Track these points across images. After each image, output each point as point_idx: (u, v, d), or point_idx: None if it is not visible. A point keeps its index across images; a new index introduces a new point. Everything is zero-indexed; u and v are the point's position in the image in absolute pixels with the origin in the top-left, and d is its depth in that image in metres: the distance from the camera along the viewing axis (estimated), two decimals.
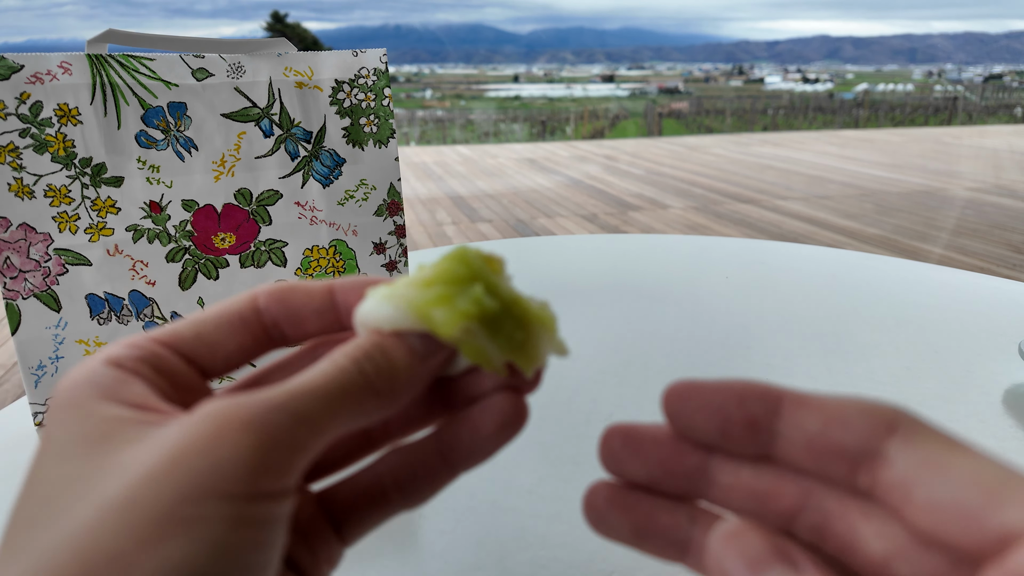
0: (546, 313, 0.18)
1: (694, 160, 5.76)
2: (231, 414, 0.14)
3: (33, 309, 0.40)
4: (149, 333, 0.18)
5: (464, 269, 0.17)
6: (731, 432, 0.16)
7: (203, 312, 0.19)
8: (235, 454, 0.13)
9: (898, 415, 0.14)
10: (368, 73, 0.46)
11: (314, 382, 0.16)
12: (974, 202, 3.95)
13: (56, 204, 0.40)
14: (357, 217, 0.47)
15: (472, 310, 0.17)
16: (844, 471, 0.14)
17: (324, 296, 0.19)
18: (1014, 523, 0.12)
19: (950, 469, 0.13)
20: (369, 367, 0.16)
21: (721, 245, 0.83)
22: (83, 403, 0.15)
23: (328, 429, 0.15)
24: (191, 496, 0.13)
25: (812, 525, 0.16)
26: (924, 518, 0.13)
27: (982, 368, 0.50)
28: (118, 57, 0.40)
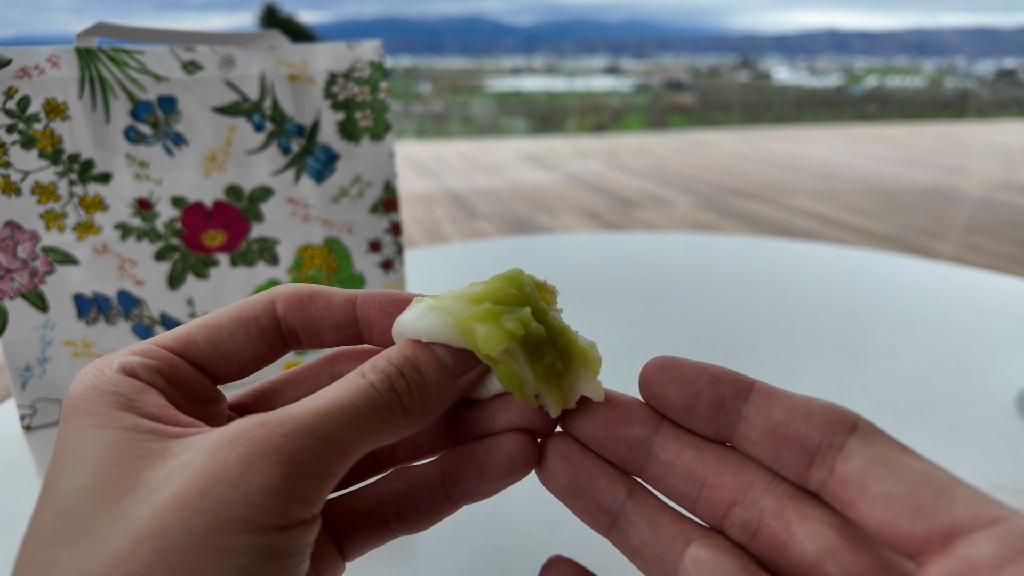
0: (592, 353, 0.17)
1: (700, 156, 5.72)
2: (261, 439, 0.13)
3: (20, 309, 0.39)
4: (161, 339, 0.17)
5: (516, 291, 0.17)
6: (697, 407, 0.16)
7: (218, 316, 0.18)
8: (266, 484, 0.13)
9: (859, 419, 0.15)
10: (363, 66, 0.44)
11: (343, 401, 0.15)
12: (986, 199, 3.90)
13: (43, 202, 0.39)
14: (352, 214, 0.46)
15: (517, 331, 0.16)
16: (800, 462, 0.15)
17: (345, 309, 0.18)
18: (961, 518, 0.12)
19: (904, 468, 0.14)
20: (401, 385, 0.16)
21: (727, 243, 0.81)
22: (101, 411, 0.15)
23: (356, 452, 0.15)
24: (222, 527, 0.12)
25: (744, 521, 0.16)
26: (876, 510, 0.13)
27: (994, 369, 0.49)
28: (107, 51, 0.39)
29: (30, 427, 0.41)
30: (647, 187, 4.42)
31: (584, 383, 0.17)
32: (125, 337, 0.42)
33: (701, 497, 0.16)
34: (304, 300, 0.18)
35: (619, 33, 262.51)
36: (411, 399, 0.16)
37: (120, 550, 0.12)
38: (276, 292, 0.18)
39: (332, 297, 0.18)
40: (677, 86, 15.91)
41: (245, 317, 0.18)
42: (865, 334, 0.55)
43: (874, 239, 3.15)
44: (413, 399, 0.16)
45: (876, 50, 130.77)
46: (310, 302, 0.18)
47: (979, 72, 21.65)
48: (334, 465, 0.14)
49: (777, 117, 10.10)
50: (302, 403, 0.15)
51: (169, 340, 0.17)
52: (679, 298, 0.63)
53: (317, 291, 0.18)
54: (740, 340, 0.54)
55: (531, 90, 15.31)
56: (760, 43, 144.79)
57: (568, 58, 54.70)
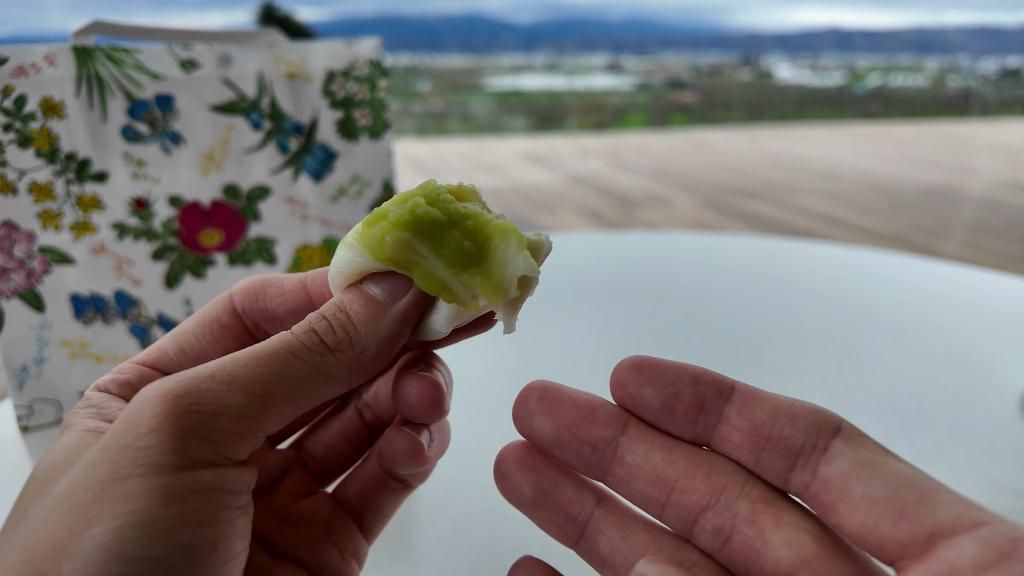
0: (510, 227, 0.15)
1: (701, 155, 5.71)
2: (156, 387, 0.13)
3: (16, 310, 0.39)
4: (137, 356, 0.18)
5: (418, 192, 0.16)
6: (676, 408, 0.15)
7: (186, 322, 0.18)
8: (155, 423, 0.13)
9: (843, 421, 0.15)
10: (362, 64, 0.44)
11: (254, 348, 0.15)
12: (990, 199, 3.88)
13: (40, 201, 0.39)
14: (350, 213, 0.46)
15: (402, 217, 0.15)
16: (782, 464, 0.14)
17: (298, 293, 0.18)
18: (944, 521, 0.12)
19: (888, 470, 0.13)
20: (322, 326, 0.15)
21: (729, 243, 0.81)
22: (74, 421, 0.15)
23: (275, 395, 0.14)
24: (118, 473, 0.12)
25: (716, 528, 0.15)
26: (858, 514, 0.13)
27: (998, 370, 0.48)
28: (104, 49, 0.39)
29: (27, 428, 0.41)
30: (648, 186, 4.41)
31: (513, 262, 0.15)
32: (122, 337, 0.42)
33: (670, 502, 0.16)
34: (258, 291, 0.18)
35: (620, 31, 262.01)
36: (335, 337, 0.15)
37: (37, 519, 0.12)
38: (233, 288, 0.19)
39: (283, 283, 0.18)
40: (679, 85, 15.88)
41: (208, 318, 0.18)
42: (868, 334, 0.54)
43: (877, 239, 3.14)
44: (338, 336, 0.15)
45: (879, 48, 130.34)
46: (263, 292, 0.18)
47: (983, 71, 21.55)
48: (243, 405, 0.14)
49: (779, 116, 10.07)
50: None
51: (143, 355, 0.18)
52: (680, 298, 0.62)
53: (268, 280, 0.18)
54: (742, 340, 0.54)
55: (531, 88, 15.28)
56: (762, 41, 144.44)
57: (569, 56, 54.46)
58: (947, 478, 0.41)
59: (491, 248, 0.15)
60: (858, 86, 15.37)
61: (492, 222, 0.15)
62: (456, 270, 0.15)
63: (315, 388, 0.15)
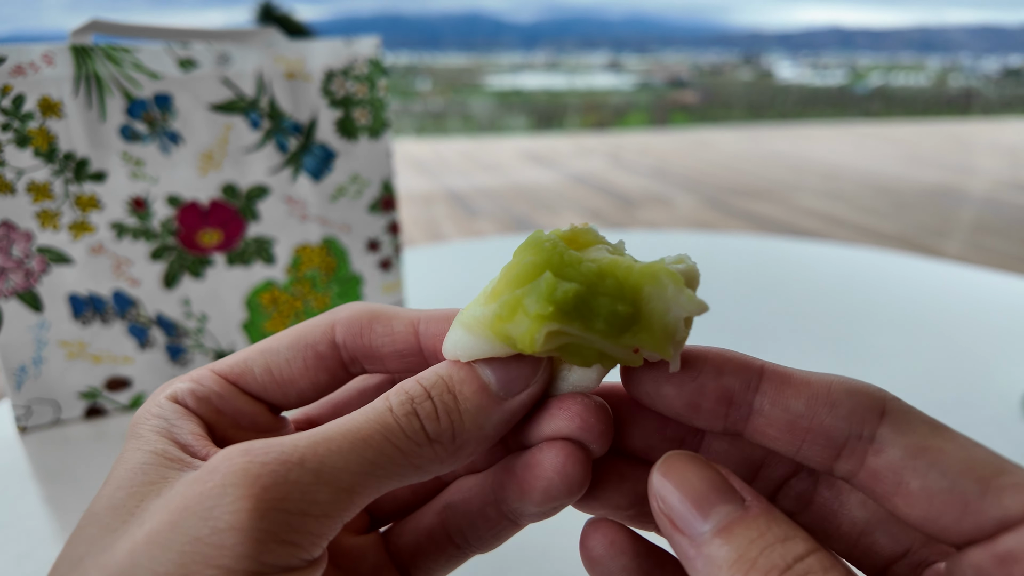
0: (657, 268, 0.14)
1: (702, 154, 5.70)
2: (237, 468, 0.12)
3: (14, 310, 0.39)
4: (218, 365, 0.17)
5: (533, 257, 0.14)
6: (702, 406, 0.14)
7: (277, 340, 0.17)
8: (235, 520, 0.11)
9: (887, 397, 0.14)
10: (361, 63, 0.44)
11: (350, 427, 0.13)
12: (992, 198, 3.87)
13: (38, 200, 0.39)
14: (350, 213, 0.46)
15: (544, 310, 0.13)
16: (824, 455, 0.14)
17: (407, 337, 0.17)
18: (1012, 511, 0.11)
19: (943, 456, 0.12)
20: (426, 408, 0.14)
21: (730, 243, 0.81)
22: (143, 434, 0.15)
23: (364, 489, 0.13)
24: (187, 567, 0.11)
25: (798, 493, 0.15)
26: (918, 507, 0.12)
27: (1000, 370, 0.48)
28: (103, 48, 0.39)
29: (25, 428, 0.41)
30: (649, 186, 4.41)
31: (674, 304, 0.13)
32: (120, 338, 0.42)
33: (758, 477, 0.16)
34: (364, 325, 0.17)
35: (621, 30, 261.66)
36: (437, 425, 0.14)
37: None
38: (337, 315, 0.17)
39: (393, 322, 0.17)
40: (679, 84, 15.85)
41: (303, 343, 0.17)
42: (869, 335, 0.54)
43: (879, 238, 3.13)
44: (441, 426, 0.14)
45: (881, 47, 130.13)
46: (370, 328, 0.17)
47: (985, 70, 21.51)
48: (330, 503, 0.12)
49: (780, 115, 10.05)
50: (308, 431, 0.13)
51: (225, 367, 0.17)
52: None
53: (378, 315, 0.17)
54: (743, 341, 0.53)
55: (532, 88, 15.25)
56: (763, 40, 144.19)
57: (569, 55, 54.29)
58: None
59: (644, 297, 0.14)
60: (860, 85, 15.34)
61: (634, 269, 0.14)
62: (613, 338, 0.14)
63: (401, 479, 0.14)
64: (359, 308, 0.17)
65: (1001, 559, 0.11)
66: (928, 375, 0.48)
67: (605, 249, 0.15)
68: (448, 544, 0.17)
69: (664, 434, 0.16)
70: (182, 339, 0.44)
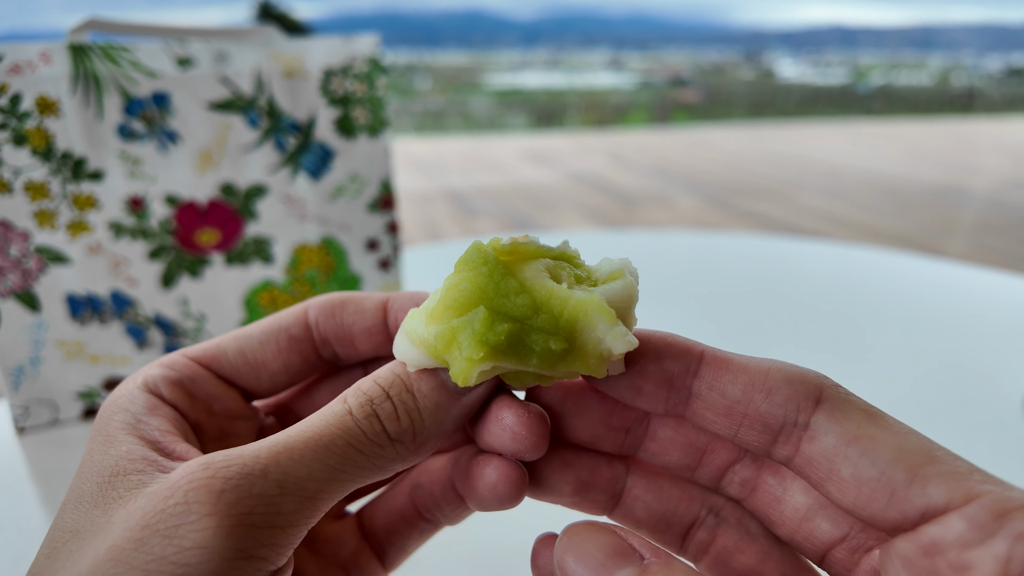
0: (590, 304, 0.14)
1: (704, 153, 5.69)
2: (199, 485, 0.12)
3: (12, 310, 0.39)
4: (192, 350, 0.17)
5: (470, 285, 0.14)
6: (643, 388, 0.15)
7: (251, 326, 0.17)
8: (200, 539, 0.11)
9: (824, 384, 0.14)
10: (360, 61, 0.44)
11: (311, 433, 0.13)
12: (995, 197, 3.86)
13: (35, 200, 0.38)
14: (348, 213, 0.46)
15: (476, 354, 0.13)
16: (761, 440, 0.14)
17: (376, 314, 0.17)
18: (936, 500, 0.12)
19: (874, 445, 0.13)
20: (386, 409, 0.14)
21: (732, 242, 0.80)
22: (110, 432, 0.14)
23: (329, 494, 0.13)
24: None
25: (744, 479, 0.16)
26: (848, 494, 0.13)
27: (1003, 370, 0.48)
28: (100, 46, 0.38)
29: (23, 429, 0.41)
30: (650, 185, 4.40)
31: (606, 339, 0.14)
32: (118, 338, 0.42)
33: (702, 463, 0.16)
34: (336, 305, 0.17)
35: (621, 28, 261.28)
36: (398, 425, 0.14)
37: None
38: (310, 301, 0.18)
39: (364, 301, 0.18)
40: (680, 82, 15.83)
41: (276, 326, 0.17)
42: (872, 334, 0.54)
43: (881, 238, 3.12)
44: (402, 425, 0.14)
45: (883, 46, 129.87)
46: (342, 308, 0.17)
47: (987, 69, 21.46)
48: (296, 512, 0.12)
49: (782, 114, 10.03)
50: (267, 438, 0.13)
51: (199, 350, 0.17)
52: (682, 298, 0.62)
53: (348, 297, 0.18)
54: (744, 340, 0.53)
55: (532, 86, 15.23)
56: (765, 38, 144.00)
57: (569, 53, 54.12)
58: None
59: (578, 330, 0.14)
60: (862, 84, 15.30)
61: (568, 303, 0.14)
62: (548, 369, 0.14)
63: (365, 480, 0.14)
64: (332, 295, 0.18)
65: (925, 550, 0.12)
66: (930, 375, 0.48)
67: (543, 265, 0.15)
68: (420, 520, 0.18)
69: (610, 423, 0.16)
70: (180, 339, 0.43)
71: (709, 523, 0.16)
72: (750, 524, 0.16)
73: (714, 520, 0.16)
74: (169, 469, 0.13)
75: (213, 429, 0.16)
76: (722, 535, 0.16)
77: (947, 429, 0.41)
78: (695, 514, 0.16)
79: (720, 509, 0.16)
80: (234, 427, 0.17)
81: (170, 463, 0.14)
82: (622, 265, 0.15)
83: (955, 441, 0.46)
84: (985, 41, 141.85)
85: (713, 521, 0.16)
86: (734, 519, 0.16)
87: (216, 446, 0.16)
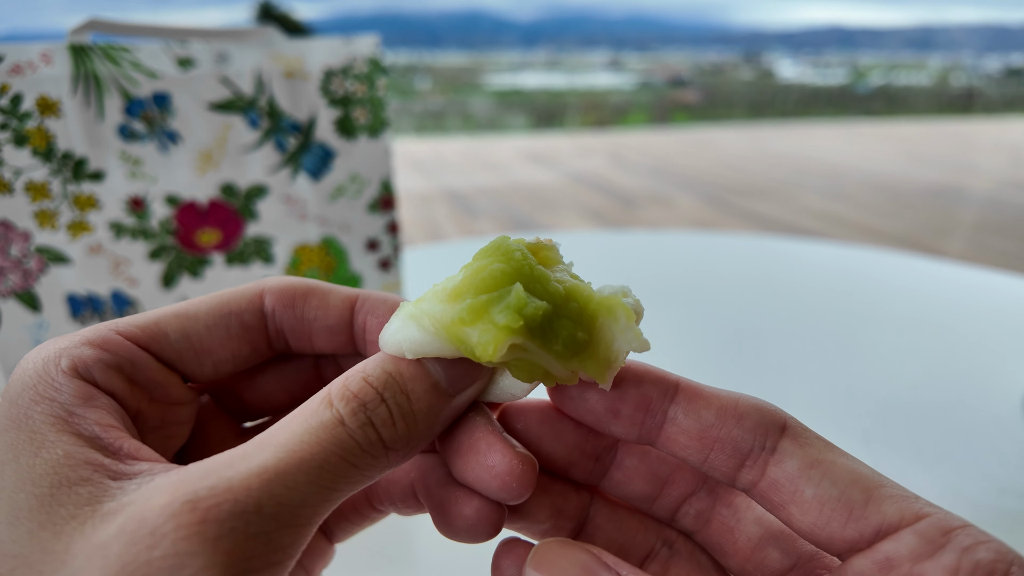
0: (615, 301, 0.14)
1: (703, 153, 5.69)
2: (191, 530, 0.10)
3: (12, 310, 0.39)
4: (125, 326, 0.14)
5: (502, 265, 0.14)
6: (621, 411, 0.15)
7: (196, 305, 0.15)
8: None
9: (787, 419, 0.15)
10: (360, 62, 0.44)
11: (302, 452, 0.12)
12: (994, 197, 3.86)
13: (36, 200, 0.38)
14: (349, 213, 0.46)
15: (513, 324, 0.13)
16: (730, 464, 0.14)
17: (342, 312, 0.16)
18: (890, 517, 0.13)
19: (834, 468, 0.13)
20: (380, 415, 0.13)
21: (732, 243, 0.80)
22: (35, 428, 0.12)
23: (321, 516, 0.12)
24: None
25: (698, 511, 0.16)
26: (809, 514, 0.13)
27: (1002, 370, 0.48)
28: (101, 47, 0.38)
29: None
30: (649, 185, 4.40)
31: (621, 337, 0.14)
32: None
33: (662, 494, 0.17)
34: (297, 296, 0.16)
35: (621, 29, 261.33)
36: (394, 432, 0.13)
37: None
38: (267, 284, 0.16)
39: (329, 296, 0.16)
40: (680, 83, 15.83)
41: (227, 310, 0.15)
42: (871, 334, 0.54)
43: (880, 238, 3.12)
44: (397, 431, 0.13)
45: (882, 46, 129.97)
46: (304, 299, 0.16)
47: (986, 69, 21.47)
48: (292, 544, 0.11)
49: (781, 114, 10.04)
50: (247, 453, 0.12)
51: (135, 328, 0.14)
52: (682, 298, 0.62)
53: (313, 288, 0.16)
54: (744, 340, 0.53)
55: (532, 86, 15.24)
56: (764, 39, 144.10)
57: (569, 53, 54.18)
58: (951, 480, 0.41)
59: (597, 327, 0.14)
60: (861, 84, 15.31)
61: (594, 299, 0.14)
62: (564, 360, 0.14)
63: (353, 491, 0.13)
64: (293, 280, 0.16)
65: (881, 565, 0.12)
66: (930, 374, 0.48)
67: (566, 272, 0.15)
68: (371, 511, 0.18)
69: (584, 449, 0.17)
70: None
71: (663, 555, 0.16)
72: (701, 558, 0.16)
73: (668, 552, 0.16)
74: (121, 475, 0.12)
75: (153, 418, 0.15)
76: (675, 567, 0.16)
77: (947, 429, 0.41)
78: (650, 546, 0.16)
79: (674, 542, 0.16)
80: (174, 414, 0.15)
81: (119, 465, 0.12)
82: (625, 288, 0.15)
83: (955, 441, 0.46)
84: (984, 41, 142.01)
85: (667, 553, 0.16)
86: (686, 552, 0.16)
87: (155, 435, 0.15)
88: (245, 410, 0.18)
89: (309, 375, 0.18)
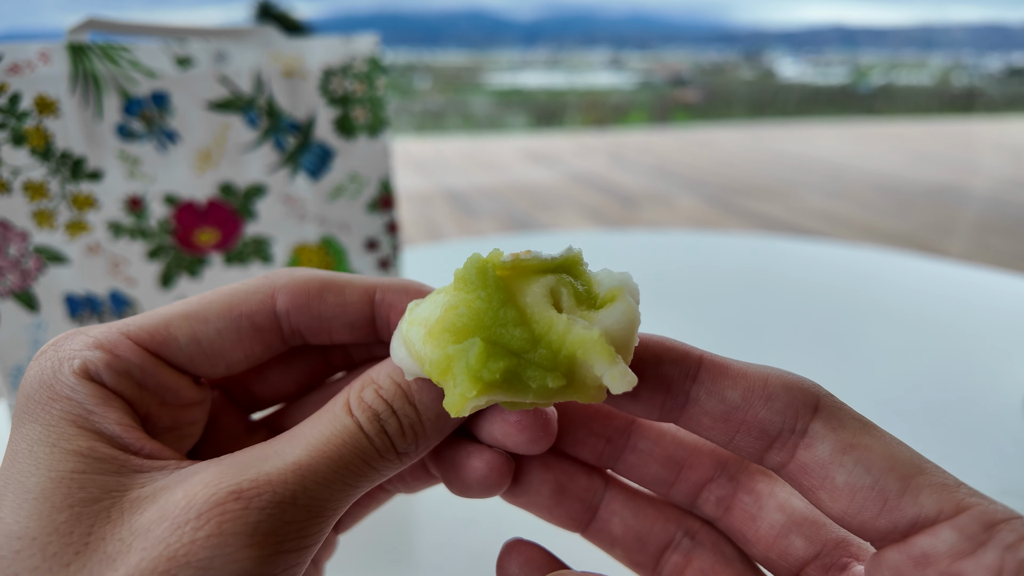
0: (590, 340, 0.13)
1: (704, 153, 5.68)
2: (234, 516, 0.12)
3: (10, 310, 0.39)
4: (133, 329, 0.14)
5: (466, 309, 0.13)
6: (640, 394, 0.15)
7: (205, 306, 0.15)
8: (239, 569, 0.11)
9: (820, 393, 0.14)
10: (360, 61, 0.44)
11: (327, 453, 0.13)
12: (996, 197, 3.85)
13: (34, 200, 0.38)
14: (348, 212, 0.46)
15: (470, 391, 0.13)
16: (757, 446, 0.14)
17: (361, 307, 0.16)
18: (928, 510, 0.12)
19: (869, 454, 0.13)
20: (392, 426, 0.14)
21: (732, 242, 0.80)
22: (53, 423, 0.13)
23: (343, 510, 0.14)
24: None
25: (719, 497, 0.16)
26: (840, 501, 0.13)
27: (1004, 370, 0.48)
28: (99, 46, 0.38)
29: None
30: (650, 185, 4.40)
31: (605, 377, 0.14)
32: None
33: (679, 479, 0.16)
34: (312, 295, 0.15)
35: (621, 28, 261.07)
36: (405, 442, 0.14)
37: None
38: (278, 282, 0.15)
39: (346, 291, 0.16)
40: (680, 82, 15.82)
41: (237, 312, 0.15)
42: (873, 334, 0.54)
43: (882, 237, 3.12)
44: (407, 440, 0.14)
45: (883, 45, 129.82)
46: (319, 298, 0.15)
47: (988, 68, 21.44)
48: (319, 532, 0.13)
49: (783, 113, 10.03)
50: (280, 451, 0.13)
51: (144, 333, 0.14)
52: (683, 298, 0.62)
53: (328, 283, 0.16)
54: (745, 340, 0.53)
55: (532, 86, 15.24)
56: (765, 38, 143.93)
57: (569, 52, 54.18)
58: None
59: (577, 364, 0.14)
60: (862, 84, 15.30)
61: (567, 339, 0.13)
62: (544, 401, 0.14)
63: (369, 488, 0.14)
64: (305, 275, 0.16)
65: (916, 560, 0.12)
66: (931, 374, 0.47)
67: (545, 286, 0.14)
68: (380, 491, 0.18)
69: (591, 429, 0.16)
70: None
71: (685, 546, 0.16)
72: (725, 548, 0.16)
73: (690, 543, 0.16)
74: (145, 467, 0.13)
75: (165, 419, 0.15)
76: (698, 558, 0.16)
77: (947, 429, 0.40)
78: (670, 535, 0.16)
79: (696, 532, 0.16)
80: (186, 415, 0.16)
81: (141, 460, 0.13)
82: (622, 282, 0.15)
83: (955, 441, 0.46)
84: (985, 41, 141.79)
85: (689, 544, 0.16)
86: (710, 542, 0.16)
87: (168, 436, 0.15)
88: (254, 401, 0.18)
89: (316, 363, 0.18)
